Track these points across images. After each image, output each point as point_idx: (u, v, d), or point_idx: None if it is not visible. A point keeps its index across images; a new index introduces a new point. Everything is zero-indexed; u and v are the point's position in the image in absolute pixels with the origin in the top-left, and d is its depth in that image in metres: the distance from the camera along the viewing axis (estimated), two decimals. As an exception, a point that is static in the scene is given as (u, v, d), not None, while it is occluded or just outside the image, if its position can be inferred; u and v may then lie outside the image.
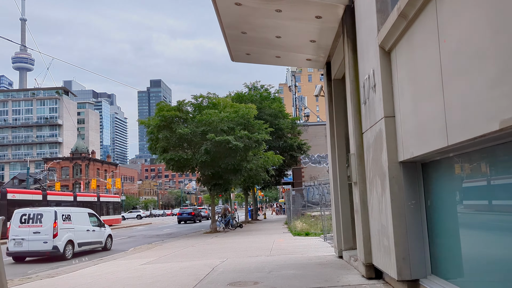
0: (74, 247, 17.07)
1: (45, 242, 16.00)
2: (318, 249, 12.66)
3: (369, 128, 6.40)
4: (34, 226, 16.24)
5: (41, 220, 16.35)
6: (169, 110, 23.40)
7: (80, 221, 17.95)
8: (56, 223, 16.35)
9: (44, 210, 17.00)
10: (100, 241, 19.15)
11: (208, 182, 24.93)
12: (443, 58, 3.89)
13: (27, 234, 16.09)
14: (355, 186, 7.22)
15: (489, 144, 3.59)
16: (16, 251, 16.23)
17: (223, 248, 15.02)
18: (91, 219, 18.97)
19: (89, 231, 18.36)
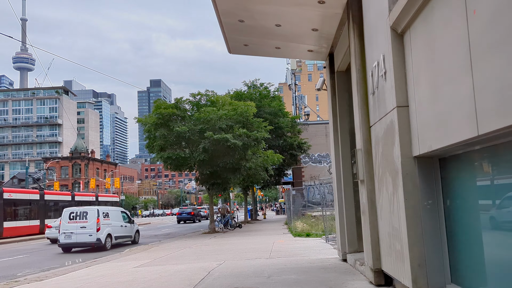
0: (112, 240, 19.72)
1: (90, 235, 18.77)
2: (320, 251, 12.08)
3: (378, 120, 5.82)
4: (80, 222, 18.99)
5: (86, 217, 19.13)
6: (166, 108, 22.80)
7: (115, 218, 20.55)
8: (98, 219, 19.01)
9: (89, 208, 19.84)
10: (130, 235, 21.82)
11: (206, 181, 24.34)
12: (473, 32, 3.31)
13: (75, 229, 18.83)
14: (362, 184, 6.65)
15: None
16: (66, 243, 19.02)
17: (221, 250, 14.44)
18: (123, 216, 21.57)
19: (122, 227, 20.94)
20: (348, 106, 9.35)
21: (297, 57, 10.31)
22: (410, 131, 4.89)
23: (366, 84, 6.47)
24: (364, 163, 6.41)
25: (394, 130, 5.06)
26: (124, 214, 21.74)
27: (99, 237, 18.80)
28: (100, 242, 18.80)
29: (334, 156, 9.62)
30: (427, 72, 4.32)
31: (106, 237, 19.17)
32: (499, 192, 3.77)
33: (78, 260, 15.79)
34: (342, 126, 9.35)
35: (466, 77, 3.44)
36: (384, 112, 5.51)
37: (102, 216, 19.31)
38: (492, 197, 3.97)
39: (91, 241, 18.80)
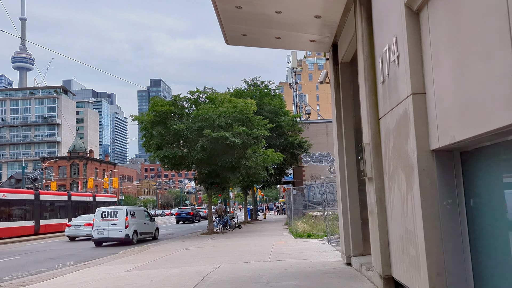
0: (137, 235, 21.95)
1: (120, 231, 21.12)
2: (322, 254, 11.50)
3: (389, 111, 5.23)
4: (111, 220, 21.36)
5: (116, 215, 21.49)
6: (163, 105, 22.21)
7: (140, 216, 22.83)
8: (127, 217, 21.34)
9: (119, 208, 22.26)
10: (151, 232, 23.98)
11: (204, 181, 23.75)
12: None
13: (107, 226, 21.24)
14: (369, 182, 6.06)
15: None
16: (99, 238, 21.47)
17: (218, 252, 13.86)
18: (146, 215, 24.01)
19: (145, 224, 23.23)
20: (353, 100, 8.79)
21: (298, 48, 9.73)
22: (427, 122, 4.31)
23: (374, 72, 5.89)
24: (373, 159, 5.83)
25: (409, 121, 4.48)
26: (146, 213, 24.24)
27: (127, 233, 21.09)
28: (128, 237, 21.09)
29: (337, 153, 9.04)
30: (450, 52, 3.73)
31: (133, 233, 21.47)
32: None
33: (69, 263, 15.20)
34: (346, 121, 8.77)
35: (503, 53, 2.86)
36: (396, 101, 4.93)
37: (129, 215, 21.63)
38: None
39: (120, 236, 21.07)
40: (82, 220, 28.00)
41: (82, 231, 27.06)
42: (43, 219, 36.85)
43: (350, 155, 8.66)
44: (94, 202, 46.94)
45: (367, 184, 6.23)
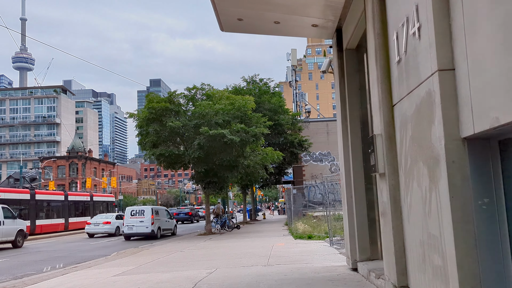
0: (160, 231, 24.90)
1: (147, 228, 23.91)
2: (325, 257, 10.74)
3: (407, 95, 4.48)
4: (139, 217, 24.17)
5: (143, 213, 24.28)
6: (159, 102, 21.47)
7: (162, 215, 25.94)
8: (152, 216, 24.21)
9: (145, 207, 25.37)
10: (171, 228, 26.98)
11: (201, 180, 22.99)
12: None
13: (135, 223, 24.10)
14: (381, 179, 5.30)
15: None
16: (129, 233, 24.37)
17: (215, 254, 13.09)
18: (167, 213, 27.18)
19: (167, 221, 26.29)
20: (359, 89, 8.03)
21: (299, 35, 8.96)
22: (457, 103, 3.54)
23: (387, 52, 5.13)
24: (386, 152, 5.07)
25: (433, 104, 3.72)
26: (167, 212, 27.44)
27: (153, 229, 23.93)
28: (154, 233, 23.92)
29: (342, 148, 8.27)
30: (493, 13, 2.96)
31: (157, 229, 24.36)
32: None
33: (59, 265, 14.44)
34: (351, 112, 8.01)
35: None
36: (416, 82, 4.17)
37: (154, 213, 24.55)
38: None
39: (147, 232, 23.79)
40: (101, 219, 29.99)
41: (100, 228, 29.03)
42: (39, 219, 36.09)
43: (356, 150, 7.91)
44: (92, 202, 46.19)
45: (379, 181, 5.46)
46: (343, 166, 8.24)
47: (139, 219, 23.97)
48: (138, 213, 24.24)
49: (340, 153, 8.56)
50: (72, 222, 41.18)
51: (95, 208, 46.70)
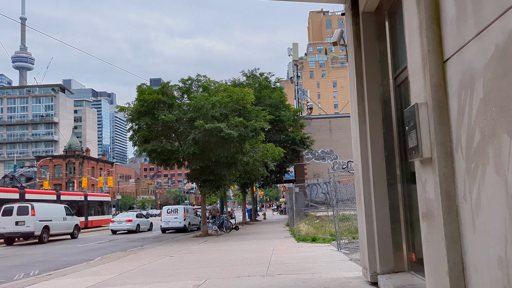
0: (190, 226, 30.14)
1: (180, 223, 29.16)
2: (333, 264, 9.23)
3: (475, 37, 2.97)
4: (174, 215, 29.57)
5: (177, 211, 29.72)
6: (151, 93, 19.94)
7: (190, 212, 31.15)
8: (185, 213, 29.58)
9: (179, 206, 30.99)
10: (197, 224, 31.18)
11: (197, 178, 21.47)
12: None
13: (171, 219, 29.43)
14: (425, 167, 3.78)
15: None
16: (165, 227, 29.69)
17: (207, 261, 11.58)
18: (194, 211, 32.80)
19: (194, 218, 31.43)
20: (379, 62, 6.51)
21: (307, -1, 7.41)
22: None
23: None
24: (434, 127, 3.55)
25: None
26: (194, 210, 33.16)
27: (185, 224, 29.22)
28: (185, 227, 29.17)
29: (357, 134, 6.76)
30: None
31: (188, 224, 29.62)
32: None
33: (34, 272, 12.92)
34: (371, 90, 6.50)
35: None
36: (490, 18, 2.67)
37: (186, 211, 29.77)
38: None
39: (180, 226, 28.97)
40: (123, 217, 32.84)
41: (123, 226, 31.67)
42: (29, 220, 34.51)
43: (376, 137, 6.40)
44: (86, 202, 44.65)
45: (420, 170, 3.93)
46: (359, 157, 6.73)
47: (173, 216, 29.41)
48: (173, 211, 29.77)
49: (354, 141, 7.05)
50: (66, 223, 39.58)
51: (90, 208, 45.24)
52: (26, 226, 24.35)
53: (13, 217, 24.61)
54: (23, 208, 24.98)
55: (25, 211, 24.73)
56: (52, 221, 26.38)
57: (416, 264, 5.90)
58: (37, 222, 24.85)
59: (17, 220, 24.50)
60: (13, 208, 25.12)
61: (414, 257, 5.97)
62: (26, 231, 24.42)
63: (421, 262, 5.85)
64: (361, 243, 7.00)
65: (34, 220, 24.74)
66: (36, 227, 24.67)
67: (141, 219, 33.85)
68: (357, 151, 6.86)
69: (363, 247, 6.87)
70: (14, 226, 24.39)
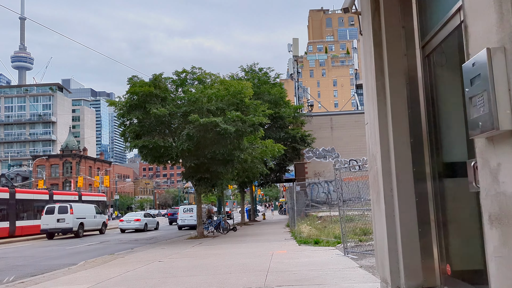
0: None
1: (194, 220, 27.51)
2: (342, 273, 8.00)
3: None
4: (189, 213, 31.74)
5: (192, 210, 30.71)
6: (142, 86, 18.69)
7: (204, 211, 27.88)
8: None
9: (193, 206, 30.14)
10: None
11: (191, 176, 20.22)
12: None
13: (187, 217, 31.81)
14: (499, 145, 2.54)
15: None
16: (182, 224, 32.48)
17: (198, 267, 10.33)
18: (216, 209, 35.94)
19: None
20: (403, 27, 5.28)
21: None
22: None
23: None
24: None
25: None
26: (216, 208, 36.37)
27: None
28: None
29: (375, 117, 5.52)
30: None
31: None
32: None
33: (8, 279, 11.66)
34: (392, 62, 5.26)
35: None
36: None
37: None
38: None
39: (194, 224, 28.15)
40: (132, 217, 34.05)
41: (132, 225, 32.76)
42: (19, 220, 33.29)
43: (400, 120, 5.17)
44: (80, 202, 43.27)
45: (488, 152, 2.69)
46: (377, 145, 5.49)
47: (189, 214, 31.59)
48: (188, 210, 32.26)
49: (371, 126, 5.81)
50: (59, 222, 38.35)
51: (85, 208, 43.86)
52: (66, 223, 28.52)
53: (54, 215, 28.74)
54: (63, 208, 29.32)
55: (65, 210, 29.06)
56: (86, 219, 30.78)
57: (452, 279, 4.67)
58: (75, 219, 29.17)
59: (58, 218, 28.62)
60: (55, 208, 29.36)
61: (449, 269, 4.75)
62: (66, 227, 28.64)
63: (459, 276, 4.62)
64: (380, 251, 5.76)
65: (73, 218, 28.96)
66: (74, 224, 28.97)
67: (148, 219, 35.12)
68: (374, 138, 5.62)
69: (382, 256, 5.63)
70: (56, 223, 28.54)
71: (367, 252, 10.59)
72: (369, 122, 5.95)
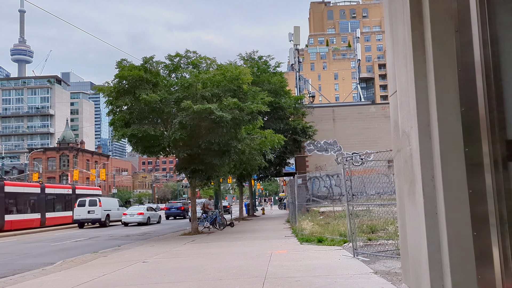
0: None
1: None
2: (355, 280, 6.60)
3: None
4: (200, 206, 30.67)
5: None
6: (131, 70, 17.22)
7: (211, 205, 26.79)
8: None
9: (204, 200, 27.80)
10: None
11: (184, 168, 18.78)
12: None
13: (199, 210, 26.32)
14: None
15: None
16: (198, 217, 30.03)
17: (185, 269, 8.94)
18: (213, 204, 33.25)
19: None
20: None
21: None
22: None
23: None
24: None
25: None
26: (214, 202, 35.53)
27: None
28: None
29: (410, 79, 4.09)
30: None
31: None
32: None
33: None
34: (435, 5, 3.83)
35: None
36: None
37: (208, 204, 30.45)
38: None
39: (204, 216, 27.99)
40: (135, 210, 34.33)
41: (135, 218, 33.09)
42: (9, 214, 31.94)
43: (446, 81, 3.76)
44: (74, 195, 41.77)
45: None
46: (413, 118, 4.06)
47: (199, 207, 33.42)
48: (199, 204, 30.59)
49: (402, 92, 4.39)
50: (50, 217, 37.02)
51: (78, 201, 42.50)
52: (96, 214, 33.12)
53: (86, 207, 33.46)
54: (93, 201, 34.00)
55: (94, 203, 33.79)
56: (111, 211, 35.30)
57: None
58: (103, 211, 33.63)
59: (89, 209, 33.29)
60: (86, 201, 34.00)
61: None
62: (95, 218, 33.24)
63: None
64: (412, 260, 4.34)
65: (101, 210, 33.43)
66: (102, 215, 33.49)
67: (151, 212, 35.51)
68: (407, 109, 4.19)
69: (416, 268, 4.22)
70: (87, 214, 33.25)
71: (379, 254, 9.21)
72: (398, 90, 4.52)
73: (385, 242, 10.82)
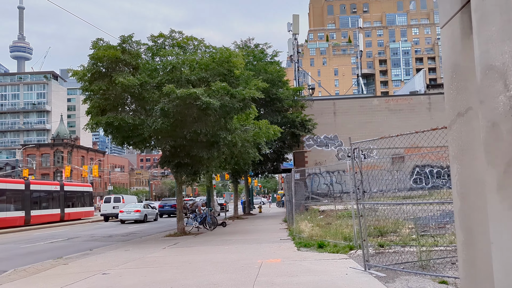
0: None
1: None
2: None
3: None
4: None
5: None
6: (106, 50, 15.14)
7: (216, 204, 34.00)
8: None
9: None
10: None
11: (168, 161, 16.73)
12: None
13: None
14: None
15: None
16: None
17: (157, 284, 6.93)
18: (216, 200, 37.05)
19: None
20: None
21: None
22: None
23: None
24: None
25: None
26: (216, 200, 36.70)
27: None
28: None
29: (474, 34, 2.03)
30: None
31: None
32: None
33: None
34: None
35: None
36: None
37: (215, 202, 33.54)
38: None
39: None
40: (132, 208, 33.87)
41: (132, 216, 32.81)
42: (-10, 211, 29.95)
43: None
44: (62, 192, 39.75)
45: None
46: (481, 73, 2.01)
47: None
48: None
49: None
50: (36, 215, 35.00)
51: (67, 199, 40.46)
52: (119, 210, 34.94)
53: (111, 203, 37.47)
54: (117, 198, 38.19)
55: (118, 200, 37.82)
56: None
57: None
58: None
59: (114, 205, 37.10)
60: (111, 198, 38.18)
61: None
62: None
63: None
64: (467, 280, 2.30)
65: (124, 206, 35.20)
66: None
67: (148, 210, 35.10)
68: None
69: None
70: (112, 209, 37.02)
71: (398, 268, 7.20)
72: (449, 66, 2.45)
73: (401, 250, 8.83)
